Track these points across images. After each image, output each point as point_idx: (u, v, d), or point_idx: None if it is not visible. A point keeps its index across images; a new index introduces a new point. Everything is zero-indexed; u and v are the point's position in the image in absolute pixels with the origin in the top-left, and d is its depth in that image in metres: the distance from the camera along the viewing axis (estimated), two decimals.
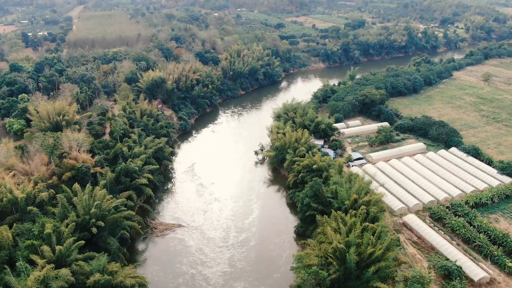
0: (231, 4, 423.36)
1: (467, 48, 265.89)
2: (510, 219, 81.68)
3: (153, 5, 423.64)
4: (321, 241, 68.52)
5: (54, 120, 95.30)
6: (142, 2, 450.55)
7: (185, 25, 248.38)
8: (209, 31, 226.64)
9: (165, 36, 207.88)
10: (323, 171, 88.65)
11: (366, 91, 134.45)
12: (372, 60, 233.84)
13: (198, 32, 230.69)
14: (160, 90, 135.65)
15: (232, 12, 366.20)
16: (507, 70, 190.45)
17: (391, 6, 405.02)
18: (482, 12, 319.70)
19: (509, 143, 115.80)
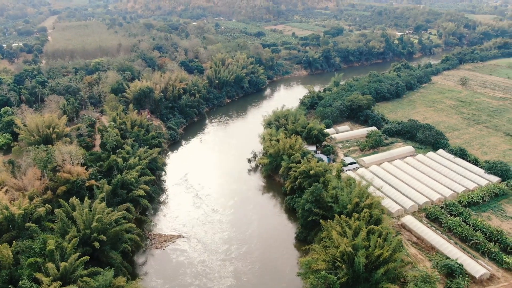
0: (208, 13, 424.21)
1: (441, 53, 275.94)
2: (501, 216, 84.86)
3: (129, 15, 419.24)
4: (326, 245, 69.14)
5: (44, 133, 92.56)
6: (117, 12, 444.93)
7: (165, 34, 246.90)
8: (191, 40, 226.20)
9: (147, 46, 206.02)
10: (320, 176, 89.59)
11: (353, 96, 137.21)
12: (352, 67, 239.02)
13: (180, 41, 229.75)
14: (148, 100, 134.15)
15: (210, 21, 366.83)
16: (482, 74, 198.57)
17: (366, 14, 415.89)
18: (452, 19, 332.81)
19: (492, 143, 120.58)
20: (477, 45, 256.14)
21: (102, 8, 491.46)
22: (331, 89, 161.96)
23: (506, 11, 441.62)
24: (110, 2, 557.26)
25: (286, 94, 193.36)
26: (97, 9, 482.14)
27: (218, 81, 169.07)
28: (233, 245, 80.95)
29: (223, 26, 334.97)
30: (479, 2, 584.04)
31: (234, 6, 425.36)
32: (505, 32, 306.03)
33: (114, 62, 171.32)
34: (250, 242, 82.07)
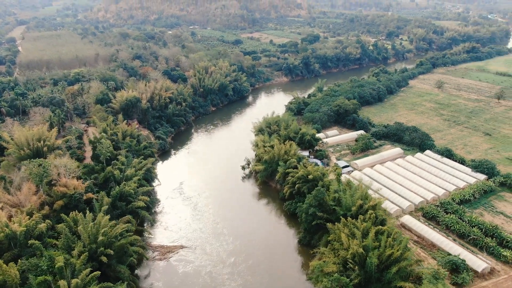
0: (182, 22, 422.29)
1: (413, 58, 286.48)
2: (493, 212, 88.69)
3: (101, 24, 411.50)
4: (334, 248, 70.08)
5: (35, 146, 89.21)
6: (88, 22, 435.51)
7: (143, 43, 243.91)
8: (171, 49, 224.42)
9: (127, 55, 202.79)
10: (318, 180, 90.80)
11: (339, 101, 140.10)
12: (330, 72, 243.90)
13: (159, 50, 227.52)
14: (136, 110, 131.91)
15: (185, 29, 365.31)
16: (454, 77, 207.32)
17: (338, 21, 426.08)
18: (421, 25, 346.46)
19: (473, 143, 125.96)
20: (447, 50, 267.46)
21: (71, 18, 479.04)
22: (315, 94, 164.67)
23: (469, 17, 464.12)
24: (79, 11, 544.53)
25: (269, 100, 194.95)
26: (66, 19, 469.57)
27: (203, 89, 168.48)
28: (239, 256, 79.33)
29: (199, 34, 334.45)
30: (443, 9, 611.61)
31: (208, 14, 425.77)
32: (470, 37, 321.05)
33: (95, 72, 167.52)
34: (255, 253, 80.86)
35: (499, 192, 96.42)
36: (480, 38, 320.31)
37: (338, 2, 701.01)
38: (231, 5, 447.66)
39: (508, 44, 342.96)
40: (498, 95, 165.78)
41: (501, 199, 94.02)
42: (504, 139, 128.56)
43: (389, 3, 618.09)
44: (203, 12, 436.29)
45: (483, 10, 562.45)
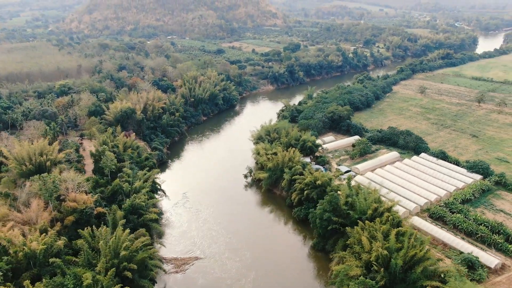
0: (159, 32, 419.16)
1: (391, 65, 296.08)
2: (493, 210, 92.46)
3: (76, 35, 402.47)
4: (355, 251, 71.09)
5: (37, 161, 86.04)
6: (61, 33, 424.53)
7: (125, 54, 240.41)
8: (155, 59, 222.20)
9: (111, 66, 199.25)
10: (326, 186, 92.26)
11: (333, 108, 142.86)
12: (314, 80, 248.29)
13: (143, 60, 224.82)
14: (131, 121, 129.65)
15: (163, 39, 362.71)
16: (434, 82, 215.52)
17: (314, 30, 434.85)
18: (395, 33, 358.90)
19: (463, 145, 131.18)
20: (423, 57, 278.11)
21: (43, 29, 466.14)
22: (306, 102, 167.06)
23: (437, 25, 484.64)
24: (50, 22, 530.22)
25: (258, 109, 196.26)
26: (37, 30, 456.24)
27: (194, 99, 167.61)
28: (258, 270, 78.04)
29: (179, 44, 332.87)
30: (411, 17, 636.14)
31: (185, 24, 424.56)
32: (442, 44, 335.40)
33: (81, 84, 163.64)
34: (273, 264, 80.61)
35: (496, 191, 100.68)
36: (451, 45, 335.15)
37: (311, 12, 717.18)
38: (208, 15, 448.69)
39: (475, 50, 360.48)
40: (478, 98, 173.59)
41: (498, 197, 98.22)
42: (491, 140, 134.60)
43: (361, 12, 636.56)
44: (180, 22, 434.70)
45: (449, 18, 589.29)
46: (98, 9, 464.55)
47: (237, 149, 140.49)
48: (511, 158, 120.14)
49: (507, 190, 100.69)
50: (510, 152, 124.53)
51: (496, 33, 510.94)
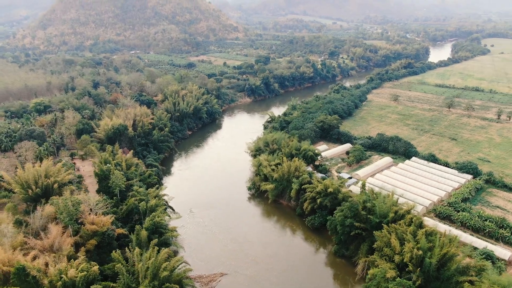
0: (121, 47, 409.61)
1: (356, 75, 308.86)
2: (490, 207, 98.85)
3: (31, 51, 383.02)
4: (383, 254, 73.30)
5: (44, 184, 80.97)
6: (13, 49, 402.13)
7: (96, 70, 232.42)
8: (132, 74, 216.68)
9: (86, 83, 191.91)
10: (337, 193, 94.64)
11: (322, 117, 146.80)
12: (288, 91, 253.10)
13: (116, 76, 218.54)
14: (123, 138, 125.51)
15: (127, 54, 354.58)
16: (403, 90, 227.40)
17: (277, 42, 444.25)
18: (356, 44, 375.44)
19: (446, 148, 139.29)
20: (388, 66, 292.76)
21: None
22: (291, 113, 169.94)
23: (390, 37, 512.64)
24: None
25: (240, 121, 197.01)
26: None
27: (179, 113, 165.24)
28: (286, 281, 78.19)
29: (146, 59, 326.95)
30: (364, 30, 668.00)
31: (148, 39, 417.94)
32: (400, 54, 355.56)
33: (60, 101, 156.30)
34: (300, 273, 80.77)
35: (487, 189, 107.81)
36: (408, 55, 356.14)
37: (269, 25, 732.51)
38: (170, 29, 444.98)
39: (428, 59, 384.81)
40: (448, 104, 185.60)
41: (491, 194, 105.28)
42: (468, 142, 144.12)
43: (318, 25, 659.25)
44: (142, 36, 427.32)
45: (399, 30, 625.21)
46: (53, 24, 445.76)
47: (231, 162, 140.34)
48: (491, 158, 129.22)
49: (497, 188, 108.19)
50: (489, 153, 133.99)
51: (442, 43, 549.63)
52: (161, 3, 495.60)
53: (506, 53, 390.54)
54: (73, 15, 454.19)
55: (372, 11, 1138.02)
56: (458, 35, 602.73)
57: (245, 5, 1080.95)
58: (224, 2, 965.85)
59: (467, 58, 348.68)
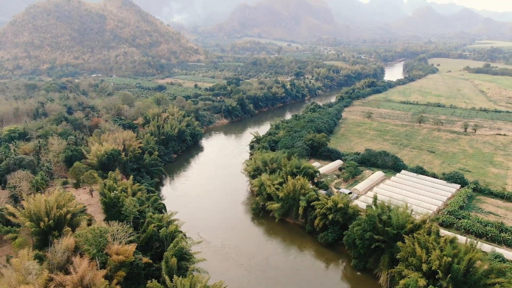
0: (80, 70, 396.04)
1: (323, 94, 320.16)
2: (484, 213, 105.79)
3: None
4: (409, 264, 76.05)
5: (57, 215, 75.99)
6: None
7: (64, 94, 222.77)
8: (107, 98, 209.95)
9: (59, 108, 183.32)
10: (346, 208, 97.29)
11: (311, 135, 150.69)
12: (262, 112, 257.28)
13: (88, 100, 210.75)
14: (117, 163, 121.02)
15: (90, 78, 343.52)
16: (372, 107, 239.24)
17: (240, 64, 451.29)
18: (317, 65, 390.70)
19: (427, 160, 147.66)
20: (353, 85, 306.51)
21: None
22: (276, 132, 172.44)
23: (346, 58, 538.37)
24: None
25: (221, 142, 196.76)
26: None
27: (164, 136, 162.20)
28: None
29: (111, 82, 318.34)
30: (319, 51, 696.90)
31: (109, 62, 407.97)
32: (360, 74, 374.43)
33: (38, 128, 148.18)
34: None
35: (476, 196, 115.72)
36: (368, 74, 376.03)
37: (227, 48, 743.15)
38: (132, 52, 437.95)
39: (384, 78, 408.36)
40: (419, 119, 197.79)
41: (480, 202, 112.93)
42: (446, 155, 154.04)
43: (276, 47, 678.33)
44: (102, 59, 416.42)
45: (352, 52, 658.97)
46: (4, 47, 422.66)
47: (224, 183, 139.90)
48: (470, 168, 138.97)
49: (484, 195, 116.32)
50: (466, 163, 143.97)
51: (393, 63, 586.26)
52: (120, 26, 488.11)
53: (453, 71, 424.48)
54: (26, 38, 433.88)
55: (323, 33, 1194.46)
56: (406, 56, 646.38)
57: (200, 28, 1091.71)
58: (179, 26, 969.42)
59: (420, 76, 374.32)
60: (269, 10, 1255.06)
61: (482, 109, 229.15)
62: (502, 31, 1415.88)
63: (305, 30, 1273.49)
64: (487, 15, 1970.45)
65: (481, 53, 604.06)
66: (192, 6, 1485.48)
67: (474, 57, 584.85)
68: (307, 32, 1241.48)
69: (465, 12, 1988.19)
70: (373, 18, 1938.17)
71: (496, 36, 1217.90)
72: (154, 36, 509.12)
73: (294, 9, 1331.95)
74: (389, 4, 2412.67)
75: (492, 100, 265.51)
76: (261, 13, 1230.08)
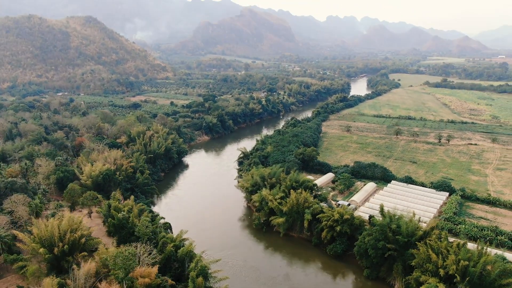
0: (45, 88, 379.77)
1: (296, 109, 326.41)
2: (475, 218, 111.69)
3: None
4: (425, 270, 79.00)
5: (71, 239, 72.26)
6: None
7: (38, 113, 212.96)
8: (86, 117, 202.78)
9: (35, 128, 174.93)
10: (352, 219, 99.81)
11: (301, 150, 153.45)
12: (241, 128, 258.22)
13: (64, 120, 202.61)
14: (112, 184, 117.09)
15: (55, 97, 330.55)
16: (348, 121, 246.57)
17: (209, 81, 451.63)
18: (288, 81, 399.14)
19: (412, 171, 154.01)
20: (326, 100, 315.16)
21: None
22: (263, 147, 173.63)
23: (312, 74, 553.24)
24: None
25: (207, 159, 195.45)
26: None
27: (152, 154, 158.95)
28: None
29: (81, 100, 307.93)
30: (284, 68, 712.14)
31: (76, 80, 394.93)
32: (330, 89, 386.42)
33: (19, 150, 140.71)
34: None
35: (465, 203, 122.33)
36: (337, 90, 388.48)
37: (193, 65, 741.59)
38: (98, 69, 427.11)
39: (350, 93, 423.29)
40: (396, 131, 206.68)
41: (470, 208, 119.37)
42: (427, 164, 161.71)
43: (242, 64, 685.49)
44: (67, 77, 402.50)
45: (315, 68, 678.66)
46: None
47: (218, 200, 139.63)
48: (452, 176, 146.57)
49: (471, 201, 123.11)
50: (447, 172, 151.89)
51: (356, 79, 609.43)
52: (85, 43, 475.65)
53: (414, 85, 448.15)
54: None
55: (284, 50, 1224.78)
56: (367, 71, 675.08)
57: (163, 46, 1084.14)
58: (142, 43, 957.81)
59: (386, 91, 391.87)
60: (231, 28, 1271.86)
61: (449, 121, 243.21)
62: (450, 48, 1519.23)
63: (267, 47, 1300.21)
64: (434, 33, 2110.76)
65: (436, 68, 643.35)
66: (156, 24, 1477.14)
67: (430, 73, 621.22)
68: (270, 50, 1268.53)
69: (415, 30, 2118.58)
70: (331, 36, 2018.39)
71: (445, 53, 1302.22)
72: (121, 53, 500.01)
73: (256, 27, 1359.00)
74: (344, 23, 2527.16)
75: (456, 112, 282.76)
76: (223, 30, 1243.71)
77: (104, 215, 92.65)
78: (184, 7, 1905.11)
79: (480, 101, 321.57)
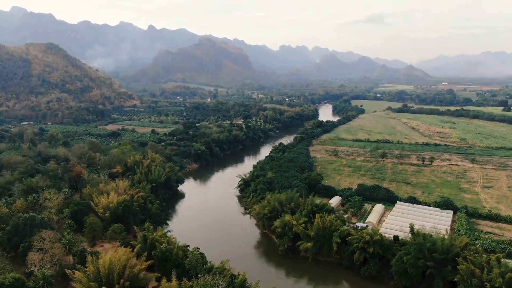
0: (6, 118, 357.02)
1: (275, 136, 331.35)
2: (484, 233, 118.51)
3: None
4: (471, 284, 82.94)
5: (130, 275, 68.43)
6: None
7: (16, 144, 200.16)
8: (73, 147, 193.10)
9: (20, 159, 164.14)
10: (381, 240, 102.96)
11: (306, 174, 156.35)
12: (226, 154, 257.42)
13: (48, 151, 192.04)
14: (131, 215, 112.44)
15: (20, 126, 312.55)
16: (331, 146, 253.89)
17: (179, 108, 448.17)
18: (261, 108, 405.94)
19: (409, 191, 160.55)
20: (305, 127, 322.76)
21: None
22: (263, 174, 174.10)
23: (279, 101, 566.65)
24: None
25: (203, 187, 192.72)
26: None
27: (155, 184, 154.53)
28: None
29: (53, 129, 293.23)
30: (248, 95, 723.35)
31: (40, 108, 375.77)
32: (301, 116, 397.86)
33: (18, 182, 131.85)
34: None
35: (469, 220, 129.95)
36: (308, 116, 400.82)
37: (157, 92, 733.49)
38: (64, 97, 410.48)
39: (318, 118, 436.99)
40: (381, 154, 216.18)
41: (476, 224, 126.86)
42: (420, 185, 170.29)
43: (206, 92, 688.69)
44: (31, 106, 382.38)
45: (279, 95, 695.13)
46: None
47: (230, 228, 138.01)
48: (447, 195, 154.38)
49: (474, 218, 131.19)
50: (441, 191, 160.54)
51: (319, 105, 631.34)
52: (48, 70, 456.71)
53: (378, 111, 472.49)
54: None
55: (243, 78, 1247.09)
56: (328, 98, 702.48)
57: (122, 73, 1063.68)
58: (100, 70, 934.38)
59: (354, 116, 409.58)
60: (191, 56, 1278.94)
61: (424, 143, 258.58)
62: (397, 76, 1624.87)
63: (226, 75, 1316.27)
64: (381, 62, 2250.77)
65: (391, 95, 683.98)
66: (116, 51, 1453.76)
67: (387, 99, 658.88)
68: (229, 77, 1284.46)
69: (363, 59, 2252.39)
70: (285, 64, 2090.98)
71: (393, 80, 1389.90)
72: (85, 81, 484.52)
73: (215, 55, 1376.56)
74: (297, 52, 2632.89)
75: (426, 135, 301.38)
76: (183, 58, 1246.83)
77: (141, 248, 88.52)
78: (142, 35, 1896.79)
79: (444, 125, 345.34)
